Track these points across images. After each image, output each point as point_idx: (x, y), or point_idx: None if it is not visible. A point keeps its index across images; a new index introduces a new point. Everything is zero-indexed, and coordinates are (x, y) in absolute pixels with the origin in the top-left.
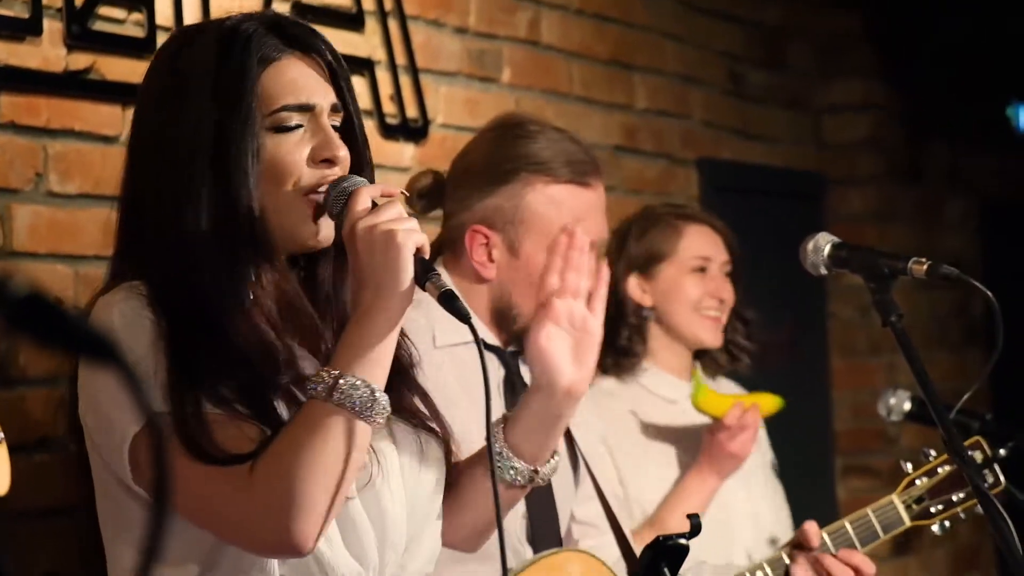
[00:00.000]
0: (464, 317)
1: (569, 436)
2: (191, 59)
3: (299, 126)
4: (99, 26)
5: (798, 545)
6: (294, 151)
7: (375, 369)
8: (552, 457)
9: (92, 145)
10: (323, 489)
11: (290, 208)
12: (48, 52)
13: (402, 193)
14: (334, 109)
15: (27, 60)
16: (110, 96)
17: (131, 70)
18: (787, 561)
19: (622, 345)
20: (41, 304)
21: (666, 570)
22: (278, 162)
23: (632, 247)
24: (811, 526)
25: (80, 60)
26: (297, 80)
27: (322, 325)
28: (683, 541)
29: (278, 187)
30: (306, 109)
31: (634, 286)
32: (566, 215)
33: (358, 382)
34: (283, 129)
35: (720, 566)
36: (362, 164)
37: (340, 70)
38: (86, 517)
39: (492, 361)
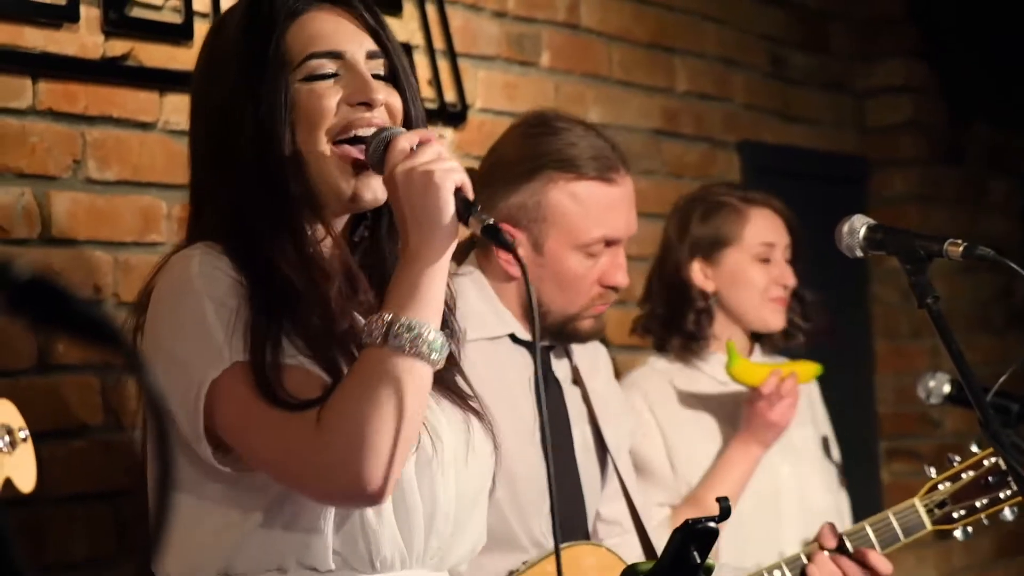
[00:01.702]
0: (509, 247)
1: (598, 432)
2: (225, 33)
3: (334, 74)
4: (136, 12)
5: (816, 545)
6: (325, 96)
7: (425, 310)
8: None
9: (130, 132)
10: (388, 432)
11: (326, 158)
12: (86, 39)
13: (440, 136)
14: (372, 55)
15: (65, 47)
16: (148, 83)
17: (169, 56)
18: (805, 561)
19: (690, 329)
20: (44, 287)
21: (695, 553)
22: (311, 109)
23: (695, 230)
24: (829, 527)
25: (117, 47)
26: (323, 29)
27: (371, 289)
28: (712, 524)
29: (312, 135)
30: (337, 56)
31: (697, 271)
32: (590, 212)
33: (412, 322)
34: (315, 78)
35: (738, 568)
36: (413, 113)
37: (374, 17)
38: (133, 502)
39: (524, 356)
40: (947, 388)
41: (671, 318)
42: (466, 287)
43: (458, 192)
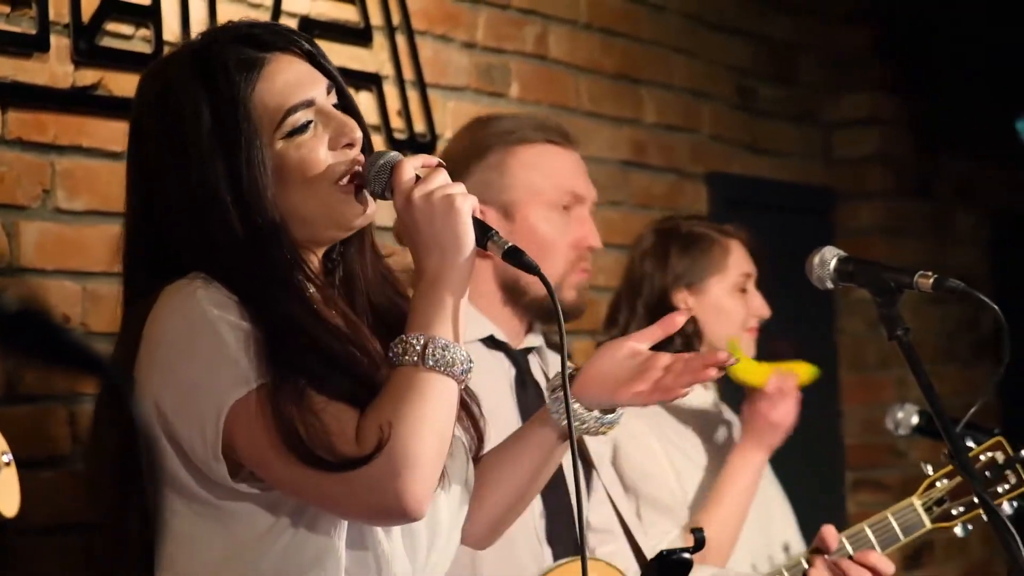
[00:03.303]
0: (533, 269)
1: (580, 439)
2: (178, 102)
3: (309, 122)
4: (106, 42)
5: (816, 549)
6: (315, 147)
7: (453, 330)
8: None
9: (100, 161)
10: (431, 450)
11: (331, 199)
12: (55, 68)
13: (439, 162)
14: (328, 90)
15: (34, 76)
16: (118, 112)
17: None
18: (805, 566)
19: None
20: (31, 319)
21: None
22: (304, 164)
23: (676, 260)
24: (829, 529)
25: (87, 76)
26: (288, 78)
27: (358, 318)
28: (686, 556)
29: (312, 186)
30: (309, 104)
31: (680, 300)
32: (547, 171)
33: (447, 343)
34: (296, 132)
35: (739, 574)
36: (364, 130)
37: (317, 51)
38: (106, 532)
39: (502, 361)
40: (915, 419)
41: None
42: None
43: (473, 218)
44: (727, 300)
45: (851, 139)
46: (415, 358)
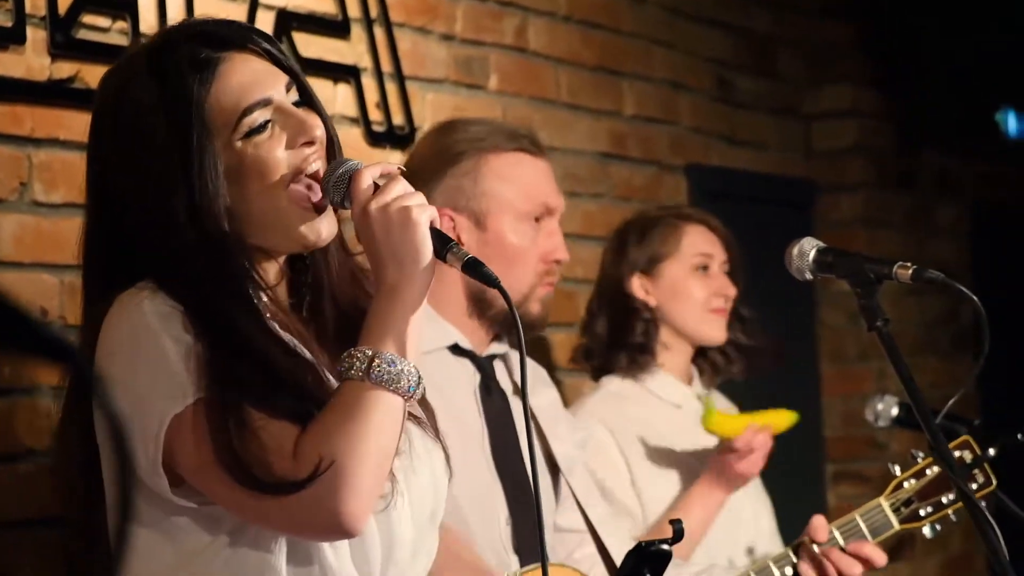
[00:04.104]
0: (493, 281)
1: (546, 444)
2: (133, 102)
3: (267, 121)
4: (83, 34)
5: (802, 542)
6: (272, 148)
7: (405, 346)
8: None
9: (77, 154)
10: (370, 468)
11: (284, 208)
12: (32, 61)
13: (399, 169)
14: (288, 87)
15: (11, 69)
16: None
17: None
18: (794, 558)
19: (637, 342)
20: (3, 309)
21: None
22: (262, 164)
23: (632, 251)
24: (819, 520)
25: (64, 69)
26: (243, 78)
27: (308, 328)
28: (665, 547)
29: (266, 189)
30: (267, 103)
31: (638, 286)
32: (518, 182)
33: (395, 358)
34: (254, 132)
35: (730, 567)
36: (332, 132)
37: (275, 47)
38: (77, 527)
39: (467, 367)
40: (895, 411)
41: (616, 335)
42: None
43: (433, 228)
44: (684, 281)
45: (831, 131)
46: (360, 373)
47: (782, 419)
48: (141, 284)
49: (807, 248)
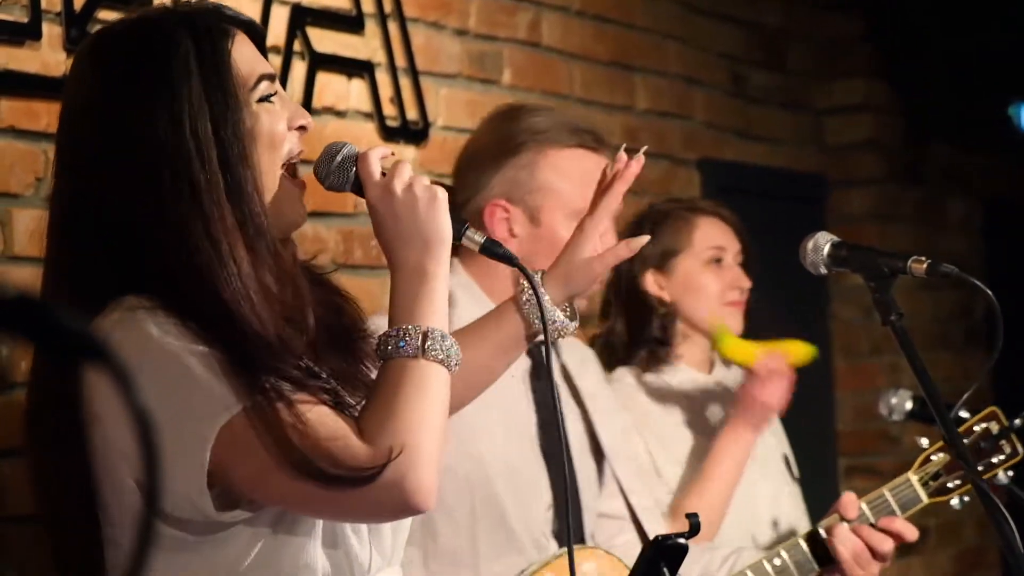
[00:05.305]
0: (511, 260)
1: (592, 432)
2: (165, 49)
3: (274, 93)
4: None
5: (836, 517)
6: (281, 119)
7: (445, 320)
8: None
9: None
10: (438, 443)
11: (281, 185)
12: (48, 56)
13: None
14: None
15: (26, 64)
16: None
17: None
18: (824, 535)
19: (655, 336)
20: (31, 304)
21: (665, 570)
22: (272, 132)
23: (644, 247)
24: (849, 496)
25: None
26: (254, 54)
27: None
28: (682, 540)
29: (271, 160)
30: (272, 78)
31: (651, 282)
32: (577, 178)
33: (444, 334)
34: (265, 99)
35: (757, 549)
36: None
37: (264, 46)
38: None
39: None
40: (909, 404)
41: (634, 331)
42: (455, 296)
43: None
44: (698, 275)
45: (843, 126)
46: (415, 351)
47: (800, 350)
48: (128, 303)
49: (822, 242)
